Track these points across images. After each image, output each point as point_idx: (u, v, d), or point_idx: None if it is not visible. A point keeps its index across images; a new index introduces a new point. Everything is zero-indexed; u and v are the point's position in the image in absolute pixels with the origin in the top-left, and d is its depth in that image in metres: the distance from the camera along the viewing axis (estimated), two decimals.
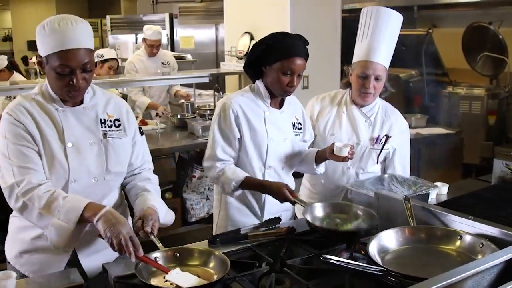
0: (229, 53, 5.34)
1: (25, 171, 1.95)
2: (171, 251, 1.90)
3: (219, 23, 9.38)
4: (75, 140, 2.03)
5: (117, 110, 2.17)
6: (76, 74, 1.92)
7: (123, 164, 2.16)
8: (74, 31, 1.92)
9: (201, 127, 4.47)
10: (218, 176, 2.53)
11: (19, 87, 4.44)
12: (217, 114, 2.58)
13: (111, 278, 1.81)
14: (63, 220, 1.88)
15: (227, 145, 2.55)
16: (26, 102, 2.02)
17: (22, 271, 2.12)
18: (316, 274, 1.87)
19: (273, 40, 2.48)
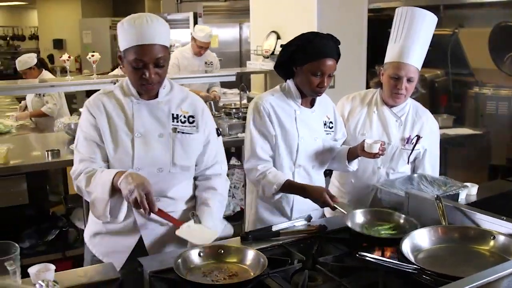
0: (255, 52, 5.36)
1: (84, 161, 2.12)
2: (215, 247, 1.93)
3: (243, 22, 9.40)
4: (144, 131, 2.13)
5: (192, 107, 2.25)
6: (149, 69, 2.03)
7: (190, 159, 2.22)
8: (148, 27, 2.01)
9: (228, 125, 4.50)
10: (258, 179, 2.54)
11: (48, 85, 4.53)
12: (251, 114, 2.61)
13: (147, 273, 1.83)
14: (100, 193, 2.01)
15: (265, 143, 2.58)
16: (103, 95, 2.19)
17: (93, 252, 2.25)
18: (348, 272, 1.89)
19: (304, 40, 2.49)
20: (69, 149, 4.09)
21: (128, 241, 2.19)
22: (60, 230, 4.18)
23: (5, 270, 1.65)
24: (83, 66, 14.37)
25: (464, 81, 6.43)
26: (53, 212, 4.72)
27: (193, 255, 1.87)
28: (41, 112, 5.87)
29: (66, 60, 4.36)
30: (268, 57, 5.09)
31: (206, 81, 5.89)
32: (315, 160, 2.66)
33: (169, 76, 2.24)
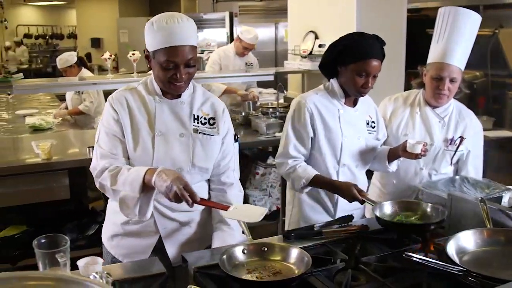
0: (293, 52, 5.36)
1: (105, 157, 2.11)
2: (258, 245, 1.95)
3: (279, 22, 9.41)
4: (165, 130, 2.14)
5: (213, 110, 2.25)
6: (180, 69, 2.04)
7: (209, 160, 2.21)
8: (180, 28, 2.01)
9: (266, 124, 4.51)
10: (288, 173, 2.57)
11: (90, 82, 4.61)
12: (292, 113, 2.62)
13: (191, 268, 1.86)
14: (129, 190, 2.00)
15: (300, 143, 2.59)
16: (127, 91, 2.19)
17: (112, 253, 2.26)
18: (391, 272, 1.88)
19: (350, 40, 2.50)
20: None
21: (147, 242, 2.20)
22: (100, 225, 4.24)
23: (56, 261, 1.70)
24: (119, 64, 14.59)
25: (503, 83, 6.32)
26: (93, 208, 4.80)
27: (237, 252, 1.89)
28: (78, 110, 5.96)
29: (108, 58, 4.43)
30: (306, 57, 5.08)
31: (245, 80, 5.92)
32: (359, 159, 2.67)
33: (209, 74, 2.25)
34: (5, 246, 4.07)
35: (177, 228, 2.19)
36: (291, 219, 2.78)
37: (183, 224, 2.19)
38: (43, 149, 3.75)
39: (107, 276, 1.49)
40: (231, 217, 2.04)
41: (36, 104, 7.28)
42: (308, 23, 5.22)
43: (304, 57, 5.12)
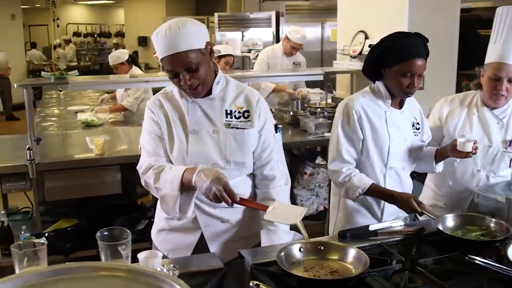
0: (342, 52, 5.33)
1: (150, 155, 2.20)
2: (315, 243, 1.95)
3: (325, 21, 9.37)
4: (198, 128, 2.18)
5: (247, 102, 2.25)
6: (180, 76, 2.06)
7: (245, 154, 2.22)
8: (170, 38, 2.02)
9: (314, 124, 4.50)
10: (343, 182, 2.53)
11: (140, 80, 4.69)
12: (340, 116, 2.59)
13: (248, 265, 1.88)
14: (169, 189, 2.06)
15: (351, 146, 2.56)
16: (161, 95, 2.27)
17: (159, 248, 2.31)
18: (450, 275, 1.86)
19: (392, 41, 2.46)
20: None
21: (190, 238, 2.23)
22: (149, 220, 4.31)
23: (118, 254, 1.74)
24: None
25: None
26: (142, 203, 4.88)
27: (294, 250, 1.90)
28: (121, 107, 6.06)
29: None
30: (355, 57, 5.05)
31: (294, 79, 5.91)
32: (405, 162, 2.63)
33: (257, 73, 2.25)
34: (58, 238, 4.17)
35: (218, 226, 2.22)
36: (336, 223, 2.75)
37: (225, 221, 2.22)
38: (97, 144, 3.84)
39: (174, 269, 1.52)
40: (270, 219, 2.03)
41: (87, 101, 7.45)
42: (358, 23, 5.17)
43: (354, 57, 5.09)
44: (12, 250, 1.66)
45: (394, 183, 2.59)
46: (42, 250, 1.69)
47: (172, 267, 1.53)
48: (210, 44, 2.13)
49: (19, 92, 4.25)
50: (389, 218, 2.57)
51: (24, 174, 3.76)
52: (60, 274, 1.13)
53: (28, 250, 1.67)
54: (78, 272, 1.14)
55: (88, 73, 14.50)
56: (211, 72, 2.16)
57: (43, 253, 1.70)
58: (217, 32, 10.84)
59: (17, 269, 1.67)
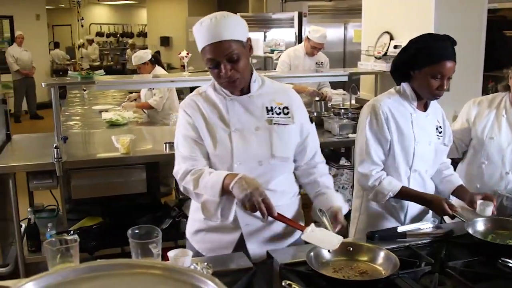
0: (366, 52, 5.30)
1: (186, 159, 2.15)
2: (344, 244, 1.94)
3: (348, 22, 9.33)
4: (240, 126, 2.16)
5: (287, 99, 2.25)
6: (221, 66, 2.04)
7: (288, 149, 2.22)
8: (215, 26, 2.02)
9: (339, 125, 4.49)
10: (373, 186, 2.52)
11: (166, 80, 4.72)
12: (367, 117, 2.57)
13: (277, 264, 1.88)
14: (210, 194, 2.03)
15: (379, 148, 2.55)
16: (196, 95, 2.23)
17: (196, 248, 2.30)
18: (480, 278, 1.85)
19: (422, 43, 2.45)
20: None
21: (230, 238, 2.22)
22: (173, 219, 4.34)
23: (149, 252, 1.75)
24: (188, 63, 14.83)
25: None
26: (165, 202, 4.91)
27: (323, 250, 1.90)
28: (147, 104, 6.13)
29: (185, 56, 4.52)
30: (380, 58, 5.02)
31: (318, 80, 5.90)
32: (428, 165, 2.61)
33: (278, 73, 2.24)
34: (83, 236, 4.21)
35: (258, 225, 2.21)
36: (358, 226, 2.75)
37: (265, 222, 2.21)
38: (122, 143, 3.87)
39: (208, 267, 1.53)
40: (307, 240, 1.99)
41: (110, 100, 7.52)
42: (383, 24, 5.15)
43: (378, 58, 5.06)
44: (46, 247, 1.68)
45: (418, 186, 2.58)
46: (75, 247, 1.72)
47: (205, 266, 1.54)
48: (250, 41, 2.13)
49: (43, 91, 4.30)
50: (412, 221, 2.55)
51: (51, 172, 3.80)
52: (97, 271, 1.14)
53: (61, 247, 1.68)
54: (115, 269, 1.14)
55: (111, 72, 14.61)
56: (249, 68, 2.16)
57: (76, 250, 1.72)
58: None
59: (50, 266, 1.69)
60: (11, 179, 3.77)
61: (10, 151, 4.26)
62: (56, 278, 1.08)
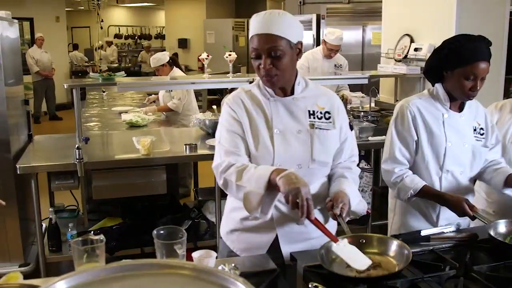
0: (386, 55, 5.29)
1: (229, 154, 2.15)
2: (356, 237, 1.96)
3: (366, 24, 9.30)
4: (283, 127, 2.16)
5: (328, 104, 2.24)
6: (262, 58, 2.06)
7: (328, 154, 2.22)
8: (267, 19, 2.04)
9: (359, 128, 4.47)
10: (395, 182, 2.53)
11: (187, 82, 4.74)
12: (394, 117, 2.60)
13: (301, 267, 1.88)
14: (254, 187, 2.00)
15: (404, 147, 2.55)
16: (242, 93, 2.25)
17: (231, 247, 2.32)
18: (505, 283, 1.83)
19: (455, 44, 2.43)
20: (204, 143, 4.27)
21: (265, 238, 2.22)
22: (193, 221, 4.36)
23: (175, 253, 1.76)
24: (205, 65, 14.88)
25: None
26: (185, 204, 4.93)
27: (334, 246, 1.90)
28: (167, 107, 6.17)
29: (205, 58, 4.53)
30: (400, 60, 5.00)
31: (337, 83, 5.89)
32: (464, 166, 2.58)
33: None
34: None
35: (294, 227, 2.20)
36: (392, 226, 2.76)
37: (300, 223, 2.20)
38: (143, 145, 3.89)
39: (235, 268, 1.53)
40: (337, 252, 1.95)
41: (129, 102, 7.57)
42: (403, 26, 5.13)
43: (399, 61, 5.04)
44: (73, 246, 1.69)
45: (451, 187, 2.56)
46: (101, 247, 1.73)
47: (233, 267, 1.54)
48: (302, 45, 2.13)
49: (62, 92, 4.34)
50: (445, 223, 2.53)
51: (73, 172, 3.84)
52: (126, 270, 1.15)
53: (88, 247, 1.70)
54: (144, 269, 1.15)
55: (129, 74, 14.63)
56: (292, 70, 2.16)
57: (102, 250, 1.74)
58: None
59: (76, 265, 1.70)
60: (33, 179, 3.81)
61: (32, 151, 4.30)
62: (86, 277, 1.09)
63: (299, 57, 2.16)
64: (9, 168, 3.87)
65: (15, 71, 4.38)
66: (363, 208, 2.18)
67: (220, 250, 2.40)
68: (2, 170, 3.89)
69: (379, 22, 9.02)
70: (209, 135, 4.51)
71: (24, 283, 1.67)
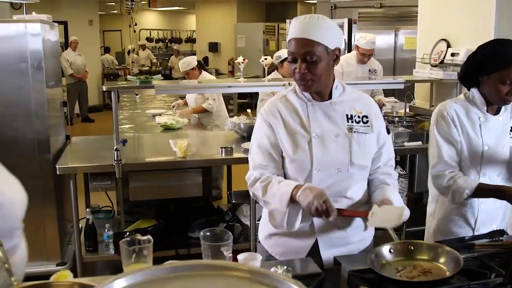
0: (422, 60, 5.24)
1: (257, 167, 2.20)
2: (405, 244, 1.96)
3: (399, 29, 9.24)
4: (321, 132, 2.16)
5: (366, 108, 2.25)
6: (298, 62, 2.07)
7: (367, 158, 2.22)
8: (305, 23, 2.05)
9: (394, 133, 4.44)
10: (448, 186, 2.50)
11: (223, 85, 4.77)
12: (435, 121, 2.59)
13: (345, 271, 1.88)
14: (278, 204, 2.07)
15: (451, 149, 2.54)
16: (277, 100, 2.25)
17: (269, 251, 2.33)
18: None
19: (490, 49, 2.43)
20: (239, 147, 4.29)
21: (304, 243, 2.23)
22: (227, 224, 4.38)
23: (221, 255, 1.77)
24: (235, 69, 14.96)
25: None
26: (219, 206, 4.95)
27: (384, 251, 1.91)
28: (202, 109, 6.22)
29: (241, 62, 4.55)
30: (436, 65, 4.96)
31: (373, 87, 5.86)
32: (502, 169, 2.56)
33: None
34: None
35: (333, 231, 2.21)
36: (429, 231, 2.74)
37: (340, 228, 2.21)
38: (180, 147, 3.93)
39: (287, 271, 1.54)
40: (375, 225, 2.06)
41: (161, 104, 7.64)
42: (439, 31, 5.08)
43: (435, 66, 5.00)
44: (121, 246, 1.71)
45: None
46: (149, 247, 1.75)
47: (285, 269, 1.55)
48: (339, 52, 2.14)
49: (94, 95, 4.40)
50: (482, 227, 2.53)
51: (110, 174, 3.90)
52: (181, 271, 1.16)
53: (136, 247, 1.72)
54: (198, 270, 1.16)
55: None
56: (329, 76, 2.17)
57: (150, 251, 1.75)
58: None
59: (125, 265, 1.72)
60: (72, 180, 3.87)
61: (70, 152, 4.38)
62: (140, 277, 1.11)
63: (336, 63, 2.16)
64: (49, 168, 3.95)
65: (55, 74, 4.47)
66: (407, 213, 2.16)
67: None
68: (43, 171, 3.97)
69: (412, 26, 8.97)
70: (244, 139, 4.53)
71: (76, 281, 1.70)
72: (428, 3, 5.41)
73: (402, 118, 4.97)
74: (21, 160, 3.90)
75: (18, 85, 3.86)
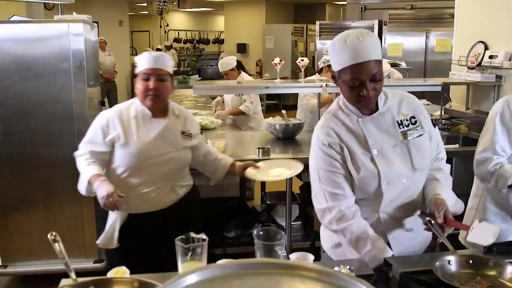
0: (458, 62, 5.20)
1: (335, 197, 2.16)
2: (465, 257, 1.93)
3: (430, 31, 9.17)
4: (379, 146, 2.14)
5: (411, 107, 2.23)
6: (365, 86, 2.04)
7: (426, 159, 2.21)
8: (361, 45, 2.01)
9: None
10: (493, 170, 2.52)
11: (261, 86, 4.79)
12: (500, 108, 2.60)
13: (397, 272, 1.88)
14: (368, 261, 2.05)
15: (506, 140, 2.56)
16: (330, 121, 2.21)
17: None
18: None
19: None
20: (275, 147, 4.31)
21: None
22: (262, 224, 4.39)
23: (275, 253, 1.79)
24: (263, 70, 15.00)
25: None
26: (253, 207, 4.97)
27: (444, 261, 1.88)
28: (239, 111, 6.23)
29: (278, 63, 4.57)
30: (473, 68, 4.91)
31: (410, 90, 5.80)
32: None
33: None
34: None
35: (403, 235, 2.22)
36: None
37: (409, 230, 2.22)
38: (218, 147, 3.95)
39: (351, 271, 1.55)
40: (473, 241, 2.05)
41: (194, 105, 7.67)
42: (477, 33, 5.03)
43: (472, 68, 4.95)
44: (177, 244, 1.74)
45: None
46: (204, 246, 1.78)
47: (349, 269, 1.57)
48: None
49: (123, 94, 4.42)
50: None
51: None
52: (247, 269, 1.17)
53: (192, 245, 1.75)
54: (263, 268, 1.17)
55: None
56: None
57: (204, 249, 1.78)
58: (318, 40, 10.90)
59: (180, 263, 1.75)
60: None
61: None
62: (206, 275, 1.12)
63: None
64: None
65: (94, 73, 4.53)
66: (460, 207, 2.17)
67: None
68: None
69: (443, 28, 8.91)
70: (280, 140, 4.55)
71: (136, 278, 1.73)
72: (465, 5, 5.37)
73: (438, 121, 4.94)
74: (62, 159, 3.96)
75: (61, 84, 3.93)
